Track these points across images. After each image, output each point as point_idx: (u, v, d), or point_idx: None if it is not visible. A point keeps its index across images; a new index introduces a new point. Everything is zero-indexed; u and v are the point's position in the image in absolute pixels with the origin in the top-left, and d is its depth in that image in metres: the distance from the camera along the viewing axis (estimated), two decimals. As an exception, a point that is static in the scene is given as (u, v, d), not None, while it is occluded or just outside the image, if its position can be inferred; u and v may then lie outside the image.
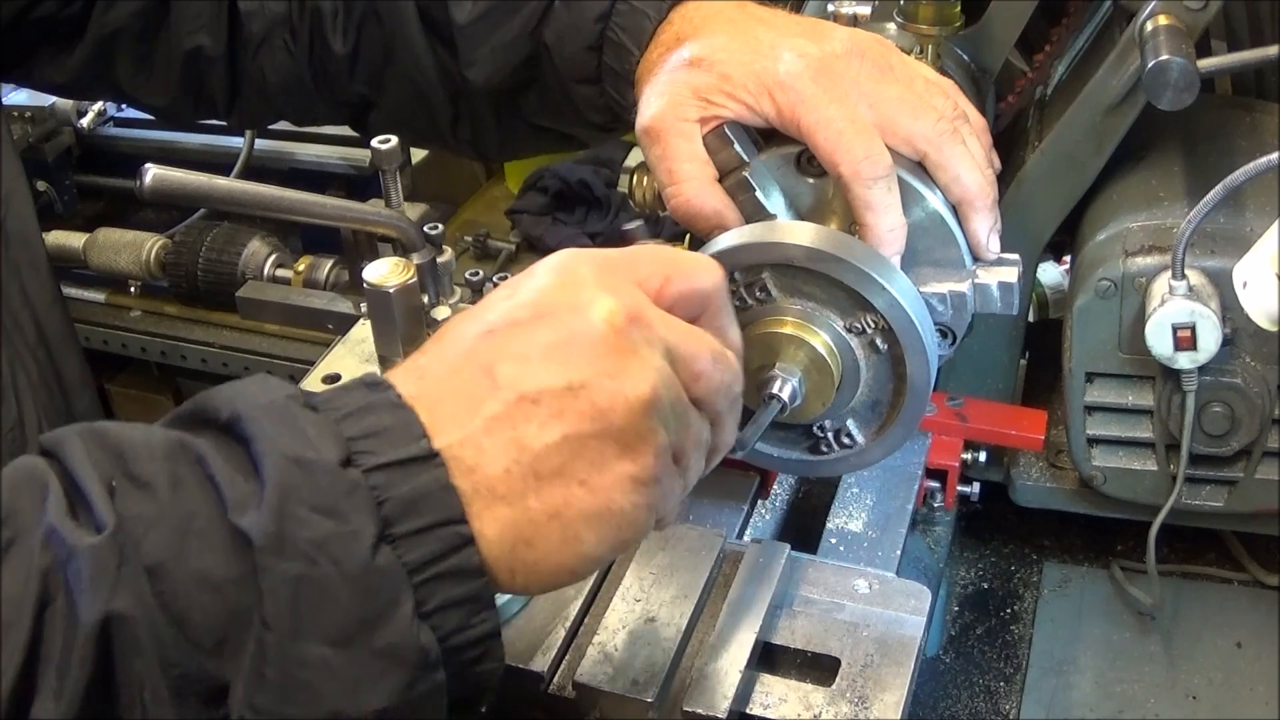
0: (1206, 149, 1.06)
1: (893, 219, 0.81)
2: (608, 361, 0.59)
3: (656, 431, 0.60)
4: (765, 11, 0.88)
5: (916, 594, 0.90)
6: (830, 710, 0.83)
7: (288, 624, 0.52)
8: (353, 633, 0.52)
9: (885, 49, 0.86)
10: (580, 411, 0.58)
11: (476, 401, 0.58)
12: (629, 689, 0.82)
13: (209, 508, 0.53)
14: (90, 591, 0.50)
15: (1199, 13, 0.94)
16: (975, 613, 1.18)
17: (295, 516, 0.53)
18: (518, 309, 0.61)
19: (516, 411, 0.58)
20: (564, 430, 0.58)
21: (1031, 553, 1.24)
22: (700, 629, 0.88)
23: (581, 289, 0.61)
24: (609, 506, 0.59)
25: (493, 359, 0.59)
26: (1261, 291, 0.90)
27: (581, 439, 0.58)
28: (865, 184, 0.80)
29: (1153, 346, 0.96)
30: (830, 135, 0.80)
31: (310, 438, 0.55)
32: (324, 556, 0.52)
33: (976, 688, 1.11)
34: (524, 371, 0.59)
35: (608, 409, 0.58)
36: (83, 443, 0.55)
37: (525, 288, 0.63)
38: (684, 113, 0.84)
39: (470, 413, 0.58)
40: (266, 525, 0.52)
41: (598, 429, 0.58)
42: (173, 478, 0.54)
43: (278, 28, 1.06)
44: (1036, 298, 1.28)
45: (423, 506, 0.55)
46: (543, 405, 0.58)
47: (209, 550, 0.52)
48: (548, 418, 0.58)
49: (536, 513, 0.58)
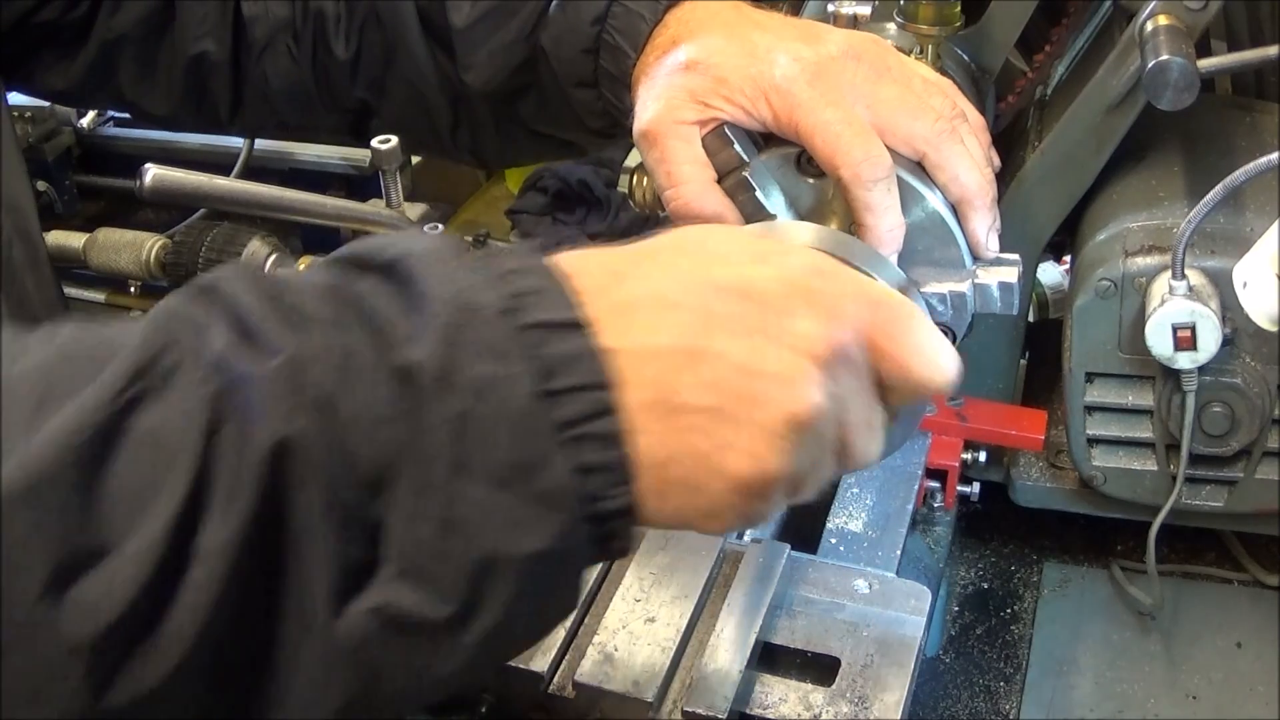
0: (1206, 149, 1.06)
1: (892, 219, 0.81)
2: (793, 368, 0.58)
3: (788, 453, 0.58)
4: (760, 14, 0.88)
5: (916, 594, 0.90)
6: (830, 710, 0.83)
7: (450, 459, 0.51)
8: (511, 475, 0.52)
9: (882, 50, 0.86)
10: (738, 395, 0.57)
11: (650, 326, 0.57)
12: (629, 689, 0.82)
13: (370, 345, 0.53)
14: (264, 416, 0.49)
15: (1199, 13, 0.94)
16: (975, 613, 1.18)
17: (460, 355, 0.52)
18: (756, 280, 0.59)
19: (682, 359, 0.56)
20: (715, 402, 0.56)
21: (1031, 553, 1.24)
22: (700, 629, 0.88)
23: (820, 300, 0.60)
24: (718, 496, 0.58)
25: (686, 299, 0.58)
26: (1261, 291, 0.90)
27: (724, 418, 0.57)
28: (865, 186, 0.80)
29: (1153, 346, 0.96)
30: (828, 138, 0.80)
31: (473, 283, 0.55)
32: (488, 396, 0.52)
33: (976, 688, 1.11)
34: (716, 333, 0.57)
35: (762, 405, 0.57)
36: (241, 279, 0.54)
37: (782, 263, 0.61)
38: (681, 115, 0.84)
39: (636, 328, 0.56)
40: (433, 360, 0.52)
41: (742, 418, 0.57)
42: (333, 316, 0.53)
43: (281, 32, 1.06)
44: (1036, 298, 1.28)
45: (577, 367, 0.54)
46: (706, 369, 0.56)
47: (371, 386, 0.52)
48: (706, 384, 0.56)
49: (672, 441, 0.56)
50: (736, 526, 0.61)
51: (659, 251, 0.61)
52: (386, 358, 0.52)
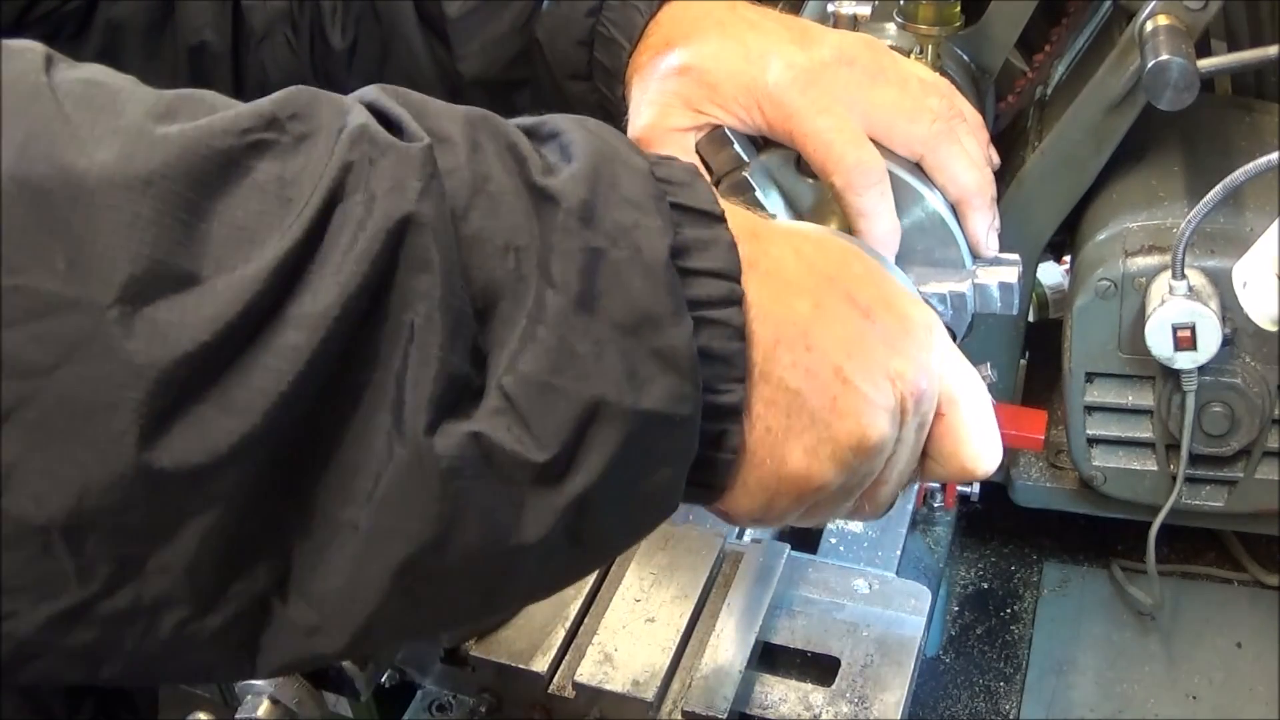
0: (1206, 149, 1.06)
1: (886, 224, 0.81)
2: (882, 395, 0.58)
3: (841, 470, 0.58)
4: (755, 13, 0.88)
5: (916, 594, 0.90)
6: (830, 710, 0.83)
7: (576, 291, 0.48)
8: (637, 323, 0.49)
9: (876, 52, 0.86)
10: (826, 395, 0.56)
11: (774, 291, 0.56)
12: (629, 689, 0.82)
13: (508, 171, 0.50)
14: (396, 190, 0.46)
15: (1199, 13, 0.94)
16: (975, 613, 1.18)
17: (605, 194, 0.50)
18: (878, 307, 0.60)
19: (793, 334, 0.56)
20: (804, 390, 0.56)
21: (1031, 553, 1.24)
22: (700, 629, 0.88)
23: (925, 351, 0.61)
24: (764, 479, 0.57)
25: (816, 290, 0.57)
26: (1261, 291, 0.90)
27: (803, 409, 0.56)
28: (857, 192, 0.81)
29: (1153, 346, 0.96)
30: (820, 146, 0.81)
31: (623, 146, 0.53)
32: (626, 241, 0.50)
33: (976, 688, 1.11)
34: (829, 331, 0.57)
35: (841, 416, 0.57)
36: (383, 90, 0.52)
37: (907, 308, 0.61)
38: (675, 122, 0.84)
39: (761, 286, 0.55)
40: (579, 190, 0.50)
41: (819, 419, 0.57)
42: (471, 140, 0.50)
43: (279, 23, 1.06)
44: (1036, 298, 1.28)
45: (713, 251, 0.53)
46: (807, 356, 0.56)
47: (504, 209, 0.49)
48: (804, 369, 0.56)
49: (756, 405, 0.55)
50: (753, 519, 0.60)
51: (805, 241, 0.60)
52: (526, 179, 0.50)
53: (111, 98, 0.45)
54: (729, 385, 0.53)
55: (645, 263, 0.50)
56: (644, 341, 0.49)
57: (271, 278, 0.43)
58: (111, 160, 0.42)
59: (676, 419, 0.50)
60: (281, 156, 0.46)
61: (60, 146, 0.42)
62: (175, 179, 0.43)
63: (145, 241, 0.42)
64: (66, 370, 0.41)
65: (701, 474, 0.54)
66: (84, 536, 0.42)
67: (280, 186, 0.45)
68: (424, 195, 0.46)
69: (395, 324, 0.45)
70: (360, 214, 0.45)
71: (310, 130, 0.47)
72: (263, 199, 0.44)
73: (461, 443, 0.46)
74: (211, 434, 0.42)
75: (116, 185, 0.42)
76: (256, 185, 0.45)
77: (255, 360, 0.43)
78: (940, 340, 0.63)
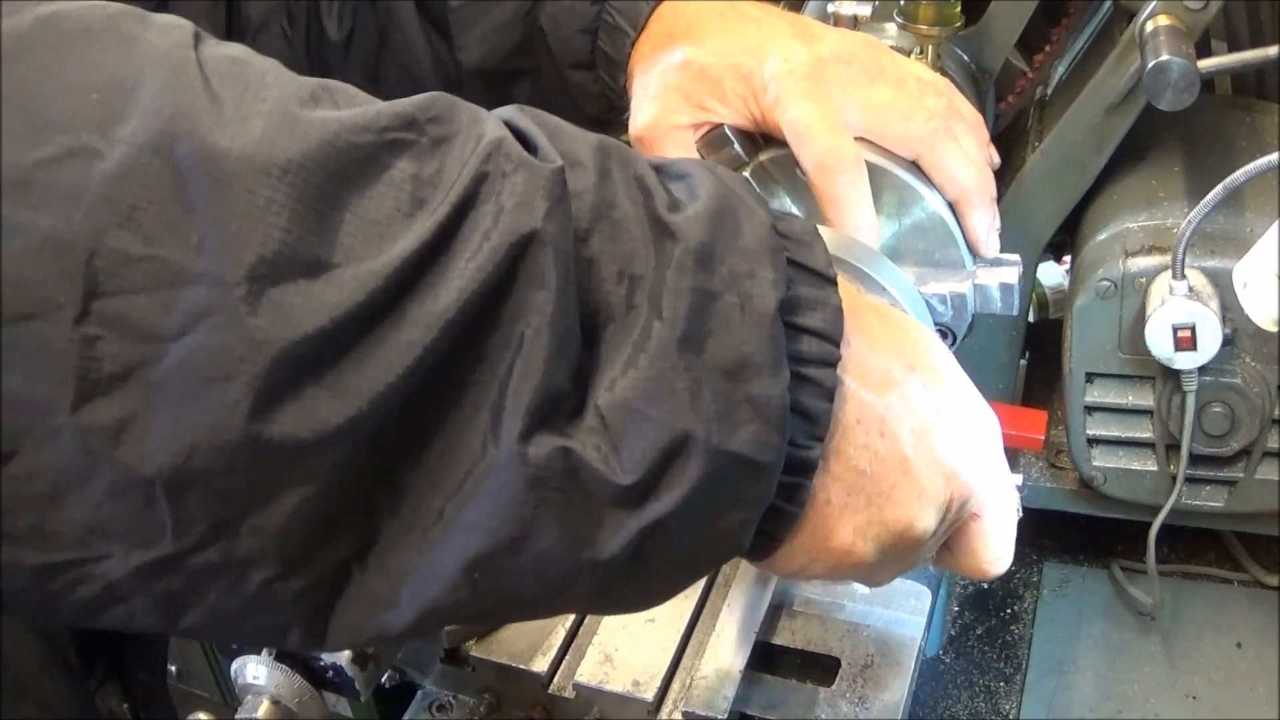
0: (1206, 149, 1.06)
1: (859, 216, 0.81)
2: (936, 492, 0.60)
3: (881, 554, 0.60)
4: (757, 9, 0.88)
5: (916, 594, 0.90)
6: (830, 710, 0.83)
7: (683, 328, 0.49)
8: (737, 367, 0.50)
9: (876, 51, 0.86)
10: (885, 482, 0.58)
11: (861, 369, 0.57)
12: (629, 689, 0.82)
13: (633, 200, 0.51)
14: (524, 206, 0.47)
15: (1199, 13, 0.94)
16: (975, 613, 1.18)
17: (725, 240, 0.51)
18: (949, 405, 0.61)
19: (868, 416, 0.57)
20: (868, 471, 0.57)
21: (1031, 553, 1.24)
22: (700, 629, 0.88)
23: (976, 458, 0.62)
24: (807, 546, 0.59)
25: (899, 376, 0.59)
26: (1261, 292, 0.90)
27: (861, 490, 0.58)
28: (826, 177, 0.80)
29: (1153, 347, 0.96)
30: (798, 131, 0.81)
31: (747, 196, 0.54)
32: (737, 289, 0.51)
33: (976, 688, 1.11)
34: (903, 420, 0.58)
35: (895, 504, 0.59)
36: (522, 110, 0.53)
37: (969, 411, 0.63)
38: (676, 119, 0.84)
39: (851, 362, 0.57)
40: (700, 232, 0.51)
41: (874, 502, 0.58)
42: (601, 167, 0.51)
43: (275, 14, 1.06)
44: (1036, 298, 1.28)
45: (821, 312, 0.54)
46: (877, 441, 0.57)
47: (625, 236, 0.50)
48: (872, 453, 0.57)
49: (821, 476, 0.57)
50: (783, 574, 0.63)
51: (890, 321, 0.62)
52: (651, 213, 0.51)
53: (259, 77, 0.46)
54: (811, 442, 0.54)
55: (755, 311, 0.51)
56: (740, 386, 0.50)
57: (396, 274, 0.44)
58: (253, 142, 0.43)
59: (759, 465, 0.52)
60: (418, 157, 0.47)
61: (205, 124, 0.43)
62: (313, 169, 0.44)
63: (278, 226, 0.43)
64: (190, 339, 0.42)
65: (767, 523, 0.55)
66: (186, 493, 0.44)
67: (415, 186, 0.46)
68: (550, 215, 0.47)
69: (507, 333, 0.47)
70: (488, 224, 0.46)
71: (448, 134, 0.48)
72: (397, 196, 0.46)
73: (551, 454, 0.48)
74: (320, 414, 0.44)
75: (256, 169, 0.43)
76: (393, 182, 0.46)
77: (371, 351, 0.44)
78: (994, 452, 0.64)
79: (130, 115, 0.43)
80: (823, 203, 0.81)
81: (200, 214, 0.42)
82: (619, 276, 0.50)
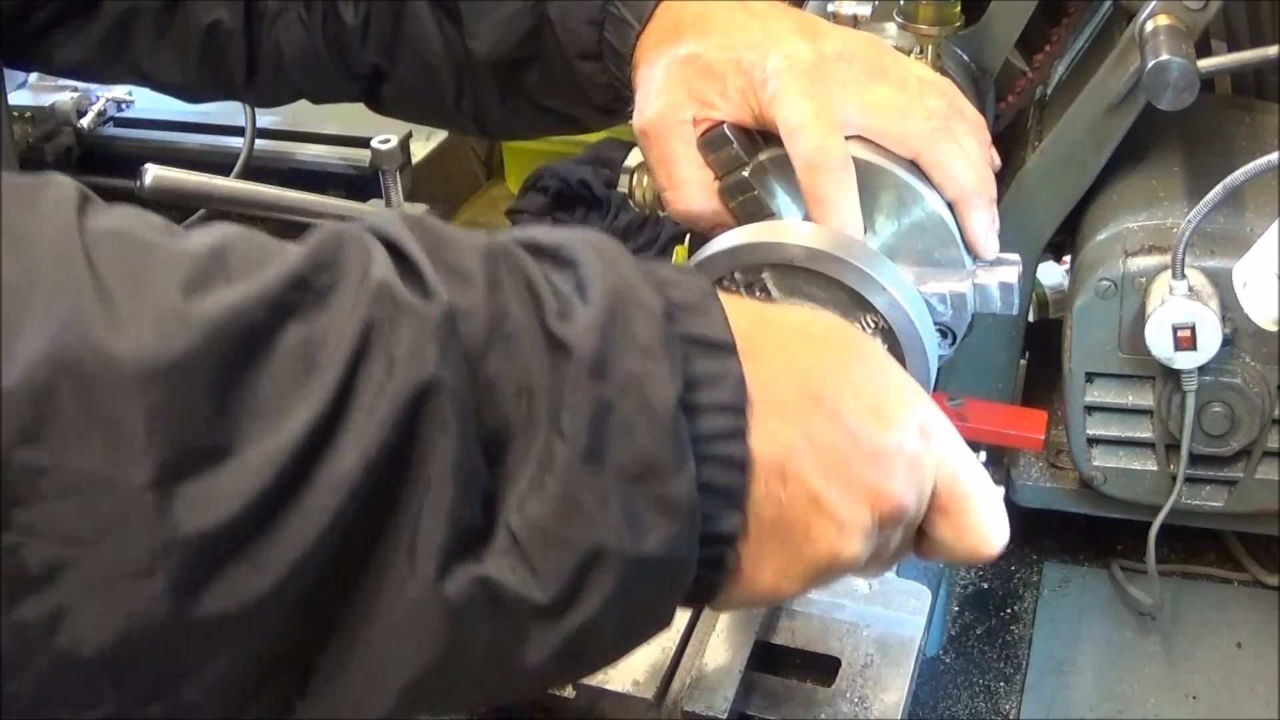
0: (1206, 149, 1.06)
1: (842, 218, 0.80)
2: (854, 519, 0.58)
3: (808, 584, 0.59)
4: (763, 6, 0.88)
5: (916, 594, 0.90)
6: (830, 710, 0.83)
7: (584, 444, 0.50)
8: (642, 472, 0.51)
9: (879, 51, 0.86)
10: (797, 523, 0.57)
11: (761, 427, 0.56)
12: (629, 689, 0.82)
13: (525, 311, 0.51)
14: (415, 356, 0.47)
15: (1199, 13, 0.94)
16: (975, 613, 1.18)
17: (618, 343, 0.51)
18: (864, 430, 0.59)
19: (768, 465, 0.56)
20: (777, 518, 0.57)
21: (1031, 553, 1.24)
22: (700, 629, 0.88)
23: (909, 465, 0.60)
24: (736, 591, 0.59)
25: (798, 411, 0.57)
26: (1261, 291, 0.90)
27: (774, 537, 0.57)
28: (813, 176, 0.80)
29: (1153, 346, 0.96)
30: (790, 127, 0.81)
31: (634, 282, 0.54)
32: (634, 391, 0.51)
33: (976, 688, 1.11)
34: (805, 456, 0.57)
35: (812, 541, 0.58)
36: (405, 224, 0.53)
37: (898, 423, 0.60)
38: (680, 114, 0.84)
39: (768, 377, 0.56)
40: (591, 340, 0.51)
41: (789, 545, 0.58)
42: (491, 275, 0.52)
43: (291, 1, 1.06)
44: (1036, 298, 1.28)
45: (721, 386, 0.54)
46: (781, 486, 0.57)
47: (521, 351, 0.50)
48: (775, 500, 0.57)
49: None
50: (724, 611, 0.63)
51: (802, 346, 0.61)
52: (543, 325, 0.51)
53: (146, 259, 0.46)
54: (729, 512, 0.55)
55: (653, 412, 0.51)
56: (647, 490, 0.51)
57: (298, 446, 0.45)
58: (147, 343, 0.44)
59: (673, 561, 0.53)
60: (307, 318, 0.47)
61: (97, 330, 0.44)
62: (206, 361, 0.45)
63: (178, 425, 0.44)
64: (108, 542, 0.43)
65: (692, 591, 0.56)
66: (125, 668, 0.45)
67: (306, 349, 0.47)
68: (444, 360, 0.48)
69: (414, 479, 0.48)
70: (381, 377, 0.47)
71: (334, 282, 0.49)
72: (291, 366, 0.46)
73: (470, 586, 0.49)
74: (244, 588, 0.45)
75: (149, 371, 0.44)
76: (285, 352, 0.46)
77: (285, 522, 0.46)
78: (940, 437, 0.62)
79: (26, 326, 0.43)
80: (808, 201, 0.81)
81: (101, 420, 0.43)
82: (517, 394, 0.50)
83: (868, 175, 0.82)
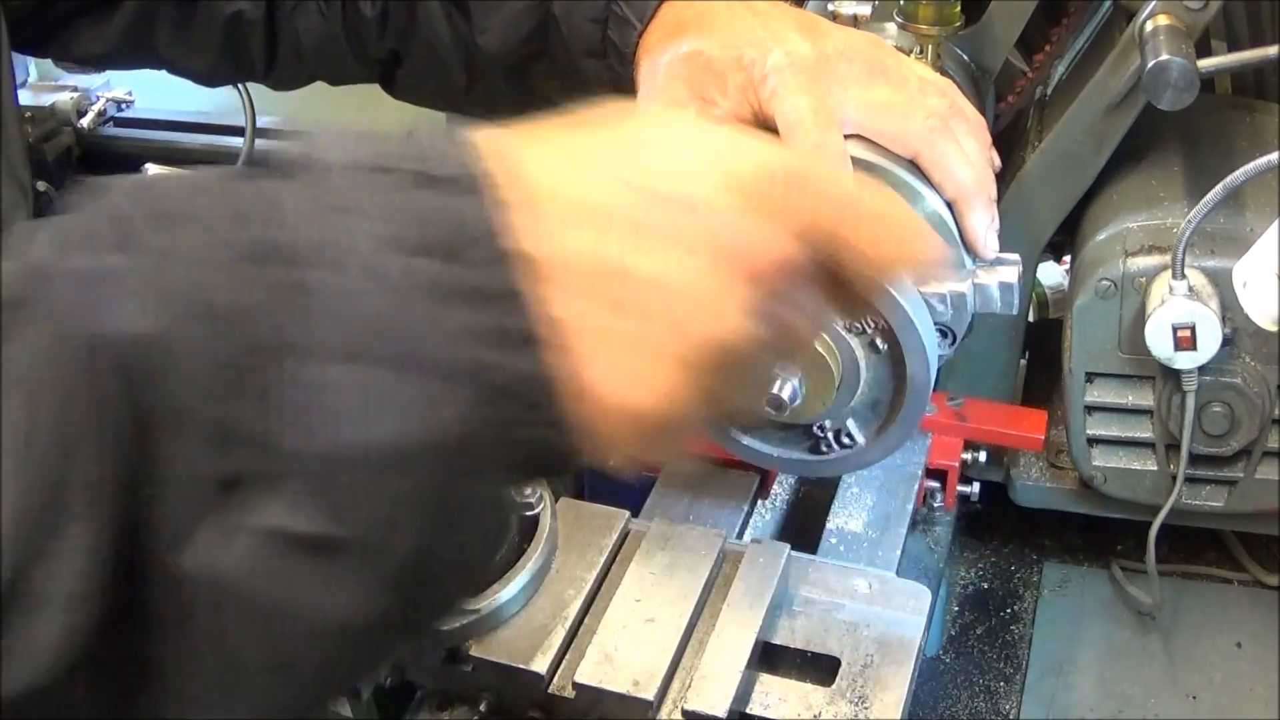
0: (1206, 149, 1.06)
1: None
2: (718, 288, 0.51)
3: (700, 384, 0.51)
4: (765, 5, 0.89)
5: (916, 594, 0.90)
6: (830, 710, 0.83)
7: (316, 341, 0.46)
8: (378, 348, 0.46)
9: (880, 50, 0.86)
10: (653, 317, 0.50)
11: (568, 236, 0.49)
12: (629, 689, 0.82)
13: (232, 230, 0.47)
14: (123, 317, 0.44)
15: (1199, 13, 0.94)
16: (975, 613, 1.18)
17: (327, 221, 0.47)
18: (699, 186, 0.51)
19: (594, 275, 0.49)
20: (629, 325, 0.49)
21: (1031, 553, 1.24)
22: (700, 629, 0.88)
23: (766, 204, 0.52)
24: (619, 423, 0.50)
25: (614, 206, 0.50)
26: (1261, 291, 0.91)
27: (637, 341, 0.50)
28: None
29: (1153, 346, 0.96)
30: (788, 124, 0.81)
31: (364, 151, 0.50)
32: (349, 264, 0.46)
33: (976, 688, 1.11)
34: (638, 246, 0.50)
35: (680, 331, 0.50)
36: (118, 189, 0.49)
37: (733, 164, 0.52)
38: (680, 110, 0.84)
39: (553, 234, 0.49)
40: (289, 234, 0.47)
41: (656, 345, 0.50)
42: (202, 210, 0.48)
43: None
44: (1036, 298, 1.28)
45: (469, 229, 0.48)
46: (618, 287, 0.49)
47: (227, 276, 0.46)
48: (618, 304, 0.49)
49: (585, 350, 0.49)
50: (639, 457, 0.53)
51: (603, 146, 0.54)
52: (246, 239, 0.47)
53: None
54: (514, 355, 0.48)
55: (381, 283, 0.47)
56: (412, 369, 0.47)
57: None
58: None
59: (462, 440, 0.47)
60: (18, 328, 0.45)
61: None
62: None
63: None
64: None
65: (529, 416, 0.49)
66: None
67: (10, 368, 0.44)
68: (149, 313, 0.45)
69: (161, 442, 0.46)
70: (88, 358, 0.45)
71: None
72: None
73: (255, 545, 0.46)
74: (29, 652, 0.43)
75: None
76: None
77: None
78: (800, 180, 0.53)
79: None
80: None
81: None
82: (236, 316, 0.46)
83: (866, 174, 0.82)
